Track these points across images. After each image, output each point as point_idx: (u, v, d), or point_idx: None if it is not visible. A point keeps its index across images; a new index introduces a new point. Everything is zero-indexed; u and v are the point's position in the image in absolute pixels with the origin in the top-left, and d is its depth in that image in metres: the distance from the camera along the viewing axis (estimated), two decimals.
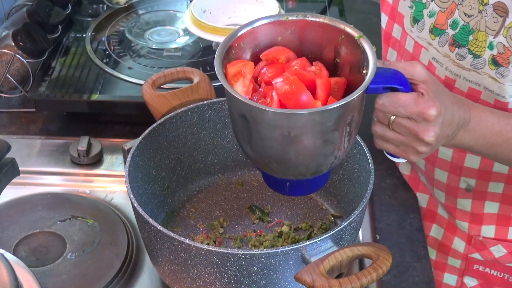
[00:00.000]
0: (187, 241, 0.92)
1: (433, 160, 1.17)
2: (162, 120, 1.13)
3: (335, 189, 1.17)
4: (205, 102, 1.16)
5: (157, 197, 1.15)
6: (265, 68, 0.89)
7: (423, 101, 0.85)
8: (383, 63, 0.87)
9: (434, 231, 1.27)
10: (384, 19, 1.18)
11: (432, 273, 1.12)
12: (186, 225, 1.16)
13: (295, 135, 0.83)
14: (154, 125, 1.12)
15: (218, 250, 0.92)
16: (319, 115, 0.82)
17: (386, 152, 0.96)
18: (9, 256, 0.86)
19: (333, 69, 0.91)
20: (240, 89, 0.86)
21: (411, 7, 1.09)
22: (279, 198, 1.21)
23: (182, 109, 1.14)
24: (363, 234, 1.18)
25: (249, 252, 0.92)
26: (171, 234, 0.93)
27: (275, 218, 1.17)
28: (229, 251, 0.91)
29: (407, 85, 0.86)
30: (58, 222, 1.15)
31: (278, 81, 0.85)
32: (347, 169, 1.13)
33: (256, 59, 0.91)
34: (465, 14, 1.02)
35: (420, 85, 0.86)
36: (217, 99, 1.17)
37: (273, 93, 0.84)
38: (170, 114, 1.14)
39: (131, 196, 0.99)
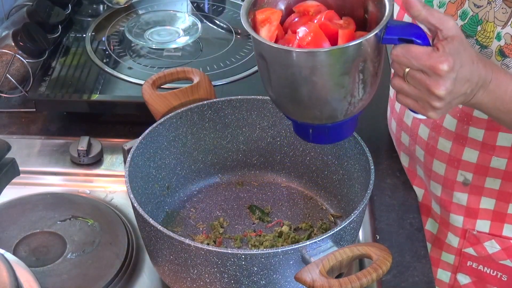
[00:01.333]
0: (187, 241, 0.92)
1: (432, 151, 1.17)
2: (162, 120, 1.13)
3: (335, 189, 1.17)
4: (205, 102, 1.16)
5: (157, 197, 1.15)
6: (296, 19, 0.92)
7: (436, 55, 0.85)
8: (423, 5, 0.86)
9: (429, 226, 1.27)
10: (396, 9, 1.18)
11: (432, 273, 1.12)
12: (186, 225, 1.16)
13: (305, 75, 0.85)
14: (154, 125, 1.12)
15: (218, 250, 0.92)
16: (324, 55, 0.84)
17: (409, 108, 0.96)
18: (9, 256, 0.86)
19: (363, 26, 0.92)
20: (264, 34, 0.89)
21: None
22: (279, 198, 1.21)
23: (182, 109, 1.14)
24: (363, 234, 1.18)
25: (249, 252, 0.92)
26: (171, 234, 0.93)
27: (275, 218, 1.17)
28: (229, 251, 0.91)
29: (423, 39, 0.86)
30: (58, 222, 1.15)
31: (300, 29, 0.88)
32: (347, 169, 1.13)
33: (290, 12, 0.94)
34: (475, 5, 1.02)
35: (442, 41, 0.86)
36: (217, 99, 1.17)
37: (296, 41, 0.87)
38: (170, 114, 1.14)
39: (131, 196, 0.99)
